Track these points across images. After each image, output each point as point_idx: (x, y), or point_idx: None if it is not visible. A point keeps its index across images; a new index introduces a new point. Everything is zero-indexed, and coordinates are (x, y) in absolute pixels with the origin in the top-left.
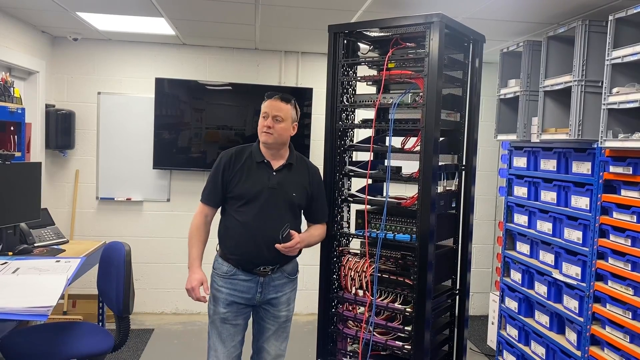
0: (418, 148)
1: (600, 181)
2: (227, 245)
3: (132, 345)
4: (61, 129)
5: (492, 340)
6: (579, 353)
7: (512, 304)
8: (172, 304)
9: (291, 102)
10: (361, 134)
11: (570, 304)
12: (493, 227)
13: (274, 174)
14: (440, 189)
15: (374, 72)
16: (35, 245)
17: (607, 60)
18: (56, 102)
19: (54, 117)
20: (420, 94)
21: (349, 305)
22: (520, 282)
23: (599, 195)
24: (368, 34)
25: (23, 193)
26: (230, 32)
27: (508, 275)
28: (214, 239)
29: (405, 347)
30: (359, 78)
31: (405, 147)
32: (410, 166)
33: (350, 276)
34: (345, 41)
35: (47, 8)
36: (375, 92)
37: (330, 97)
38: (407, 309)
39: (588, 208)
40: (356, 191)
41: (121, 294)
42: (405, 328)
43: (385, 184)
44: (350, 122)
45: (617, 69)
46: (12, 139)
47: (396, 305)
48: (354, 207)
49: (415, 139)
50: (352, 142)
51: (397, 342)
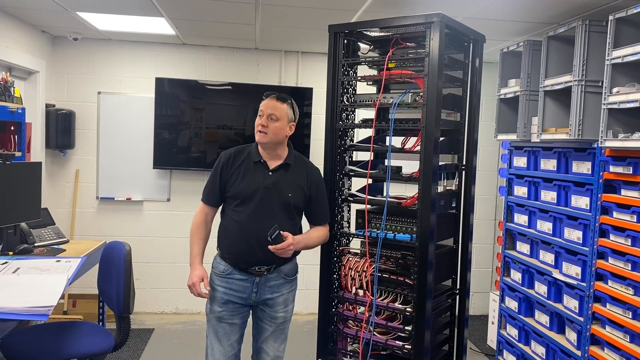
0: (418, 148)
1: (601, 181)
2: (223, 244)
3: (132, 345)
4: (61, 129)
5: (492, 340)
6: (579, 353)
7: (512, 304)
8: (173, 303)
9: (288, 102)
10: (361, 134)
11: (571, 303)
12: (493, 226)
13: (270, 173)
14: (440, 189)
15: (374, 72)
16: (35, 245)
17: (607, 60)
18: (56, 101)
19: (54, 117)
20: (421, 93)
21: (349, 304)
22: (520, 282)
23: (599, 195)
24: (368, 33)
25: (23, 193)
26: (231, 32)
27: (508, 275)
28: (214, 240)
29: (406, 346)
30: (359, 78)
31: (405, 147)
32: (410, 166)
33: (351, 276)
34: (345, 41)
35: (47, 8)
36: (375, 92)
37: (330, 96)
38: (408, 309)
39: (588, 208)
40: (356, 191)
41: (122, 293)
42: (406, 328)
43: (385, 183)
44: (351, 121)
45: (617, 69)
46: (13, 139)
47: (396, 305)
48: (354, 206)
49: (415, 138)
50: (352, 142)
51: (397, 341)
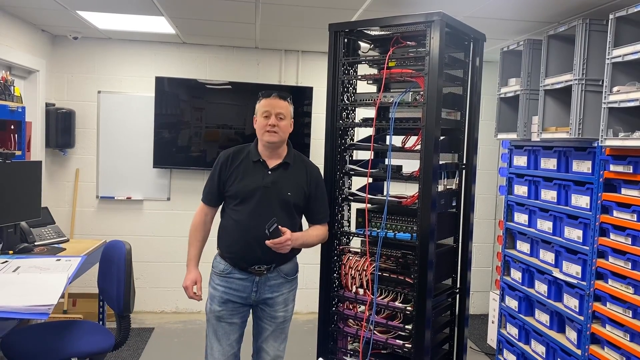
0: (418, 147)
1: (601, 180)
2: (223, 243)
3: (132, 344)
4: (61, 128)
5: (492, 339)
6: (579, 352)
7: (512, 303)
8: (173, 302)
9: (288, 99)
10: (362, 133)
11: (571, 302)
12: (493, 226)
13: (269, 172)
14: (440, 188)
15: (374, 71)
16: (35, 244)
17: (608, 59)
18: (56, 100)
19: (54, 116)
20: (421, 92)
21: (350, 303)
22: (520, 281)
23: (599, 194)
24: (368, 32)
25: (23, 192)
26: (231, 31)
27: (508, 274)
28: (214, 239)
29: (406, 345)
30: (359, 77)
31: (405, 146)
32: (410, 165)
33: (351, 275)
34: (345, 40)
35: (47, 7)
36: (375, 91)
37: (330, 95)
38: (408, 308)
39: (588, 207)
40: (357, 190)
41: (122, 292)
42: (406, 327)
43: (385, 182)
44: (351, 120)
45: (618, 68)
46: (13, 138)
47: (397, 303)
48: (355, 205)
49: (415, 137)
50: (353, 141)
51: (397, 340)
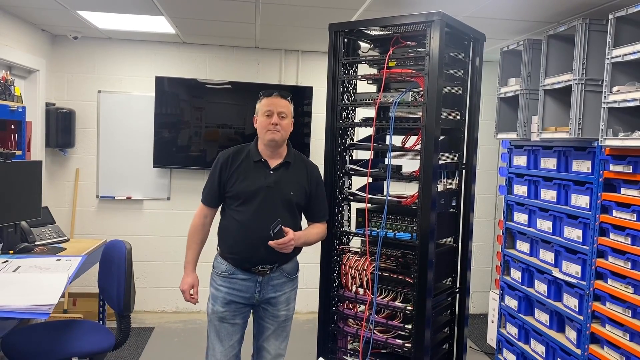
0: (418, 147)
1: (600, 180)
2: (225, 244)
3: (132, 344)
4: (61, 128)
5: (492, 339)
6: (578, 351)
7: (512, 303)
8: (173, 302)
9: (289, 99)
10: (361, 133)
11: (570, 302)
12: (493, 225)
13: (271, 172)
14: (440, 188)
15: (374, 71)
16: (36, 243)
17: (608, 59)
18: (56, 100)
19: (54, 116)
20: (421, 92)
21: (350, 303)
22: (520, 281)
23: (599, 194)
24: (368, 32)
25: (24, 191)
26: (231, 31)
27: (508, 273)
28: (214, 238)
29: (406, 345)
30: (359, 77)
31: (405, 146)
32: (410, 165)
33: (351, 274)
34: (345, 40)
35: (47, 6)
36: (375, 91)
37: (330, 95)
38: (408, 307)
39: (588, 206)
40: (357, 190)
41: (122, 292)
42: (406, 326)
43: (385, 182)
44: (351, 120)
45: (618, 68)
46: (13, 138)
47: (396, 303)
48: (355, 205)
49: (415, 137)
50: (353, 141)
51: (397, 340)
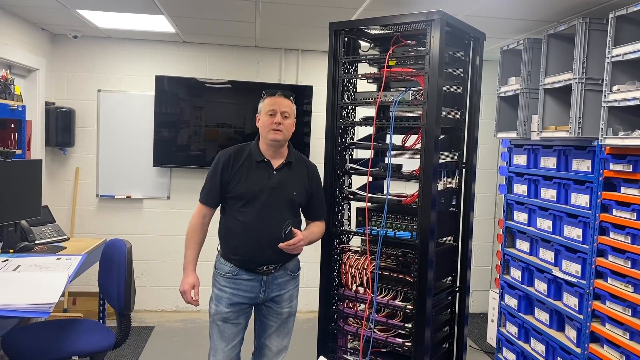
0: (419, 146)
1: (600, 179)
2: (229, 245)
3: (132, 343)
4: (61, 127)
5: (491, 338)
6: (578, 350)
7: (512, 302)
8: (173, 301)
9: (291, 98)
10: (362, 132)
11: (570, 301)
12: (493, 224)
13: (274, 173)
14: (440, 187)
15: (374, 70)
16: (36, 242)
17: (608, 58)
18: (56, 99)
19: (54, 115)
20: (421, 91)
21: (350, 302)
22: (520, 280)
23: (599, 193)
24: (369, 31)
25: (24, 190)
26: (231, 30)
27: (508, 272)
28: (214, 237)
29: (406, 344)
30: (359, 76)
31: (405, 145)
32: (410, 164)
33: (351, 273)
34: (346, 39)
35: (47, 5)
36: (375, 90)
37: (330, 94)
38: (408, 306)
39: (588, 205)
40: (357, 189)
41: (122, 291)
42: (406, 325)
43: (385, 181)
44: (351, 119)
45: (618, 67)
46: (13, 137)
47: (397, 302)
48: (355, 204)
49: (415, 136)
50: (353, 140)
51: (397, 339)
